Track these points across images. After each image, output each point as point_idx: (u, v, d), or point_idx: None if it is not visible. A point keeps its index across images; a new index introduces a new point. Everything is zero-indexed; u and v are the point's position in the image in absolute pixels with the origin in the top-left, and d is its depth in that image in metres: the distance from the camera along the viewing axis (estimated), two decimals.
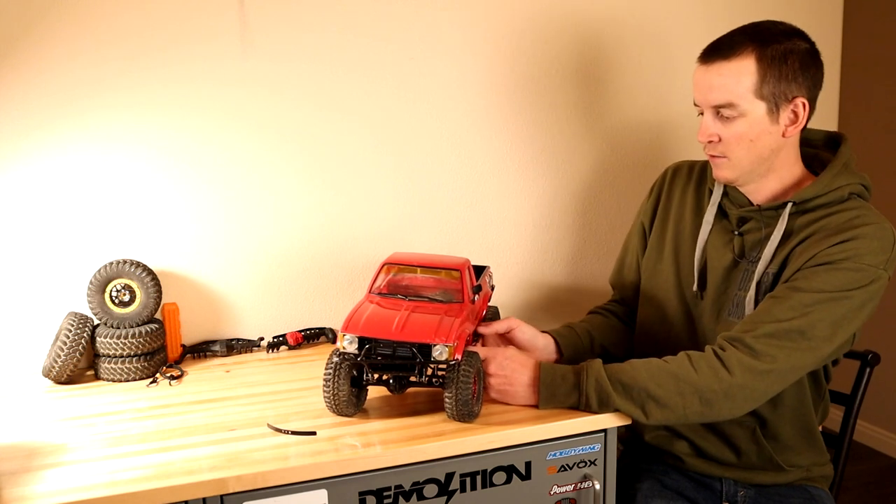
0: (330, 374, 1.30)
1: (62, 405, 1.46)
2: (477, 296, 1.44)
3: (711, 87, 1.37)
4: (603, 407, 1.33)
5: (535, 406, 1.36)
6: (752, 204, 1.47)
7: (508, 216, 1.94)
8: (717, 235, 1.50)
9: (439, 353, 1.27)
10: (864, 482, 2.93)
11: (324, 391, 1.32)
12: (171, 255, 1.71)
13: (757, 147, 1.39)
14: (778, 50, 1.35)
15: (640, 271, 1.65)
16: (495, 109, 1.89)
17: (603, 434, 1.36)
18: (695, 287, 1.51)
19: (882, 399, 3.12)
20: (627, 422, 1.35)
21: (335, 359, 1.31)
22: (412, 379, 1.33)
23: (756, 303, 1.41)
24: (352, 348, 1.29)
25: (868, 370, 1.66)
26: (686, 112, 2.00)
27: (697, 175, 1.60)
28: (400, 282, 1.43)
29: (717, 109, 1.38)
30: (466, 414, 1.29)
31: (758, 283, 1.41)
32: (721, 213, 1.51)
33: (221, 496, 1.15)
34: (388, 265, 1.44)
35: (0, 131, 1.56)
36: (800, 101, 1.38)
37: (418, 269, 1.44)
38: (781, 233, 1.41)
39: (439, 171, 1.86)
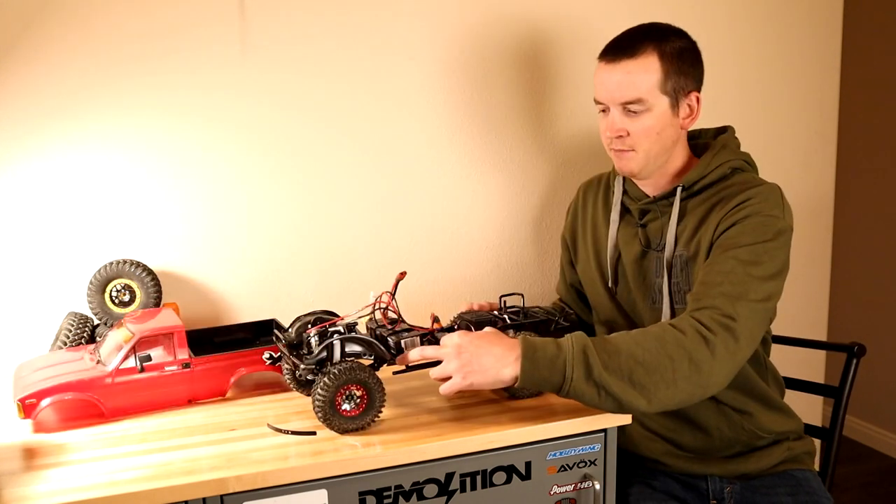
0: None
1: None
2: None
3: (620, 84, 1.44)
4: (588, 375, 1.25)
5: (512, 384, 1.27)
6: (648, 196, 1.55)
7: (507, 222, 1.94)
8: (625, 230, 1.58)
9: None
10: (864, 482, 2.94)
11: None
12: (171, 255, 1.71)
13: (662, 139, 1.47)
14: (674, 48, 1.44)
15: (576, 280, 1.75)
16: (497, 111, 1.89)
17: (603, 434, 1.36)
18: (610, 283, 1.60)
19: (881, 398, 3.13)
20: (627, 421, 1.35)
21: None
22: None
23: (670, 286, 1.49)
24: None
25: (855, 361, 1.71)
26: None
27: (605, 183, 1.69)
28: None
29: (625, 106, 1.44)
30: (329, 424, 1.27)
31: (670, 268, 1.50)
32: (625, 209, 1.59)
33: (221, 496, 1.15)
34: None
35: (1, 133, 1.57)
36: (694, 95, 1.48)
37: None
38: (676, 217, 1.49)
39: (436, 176, 1.86)
